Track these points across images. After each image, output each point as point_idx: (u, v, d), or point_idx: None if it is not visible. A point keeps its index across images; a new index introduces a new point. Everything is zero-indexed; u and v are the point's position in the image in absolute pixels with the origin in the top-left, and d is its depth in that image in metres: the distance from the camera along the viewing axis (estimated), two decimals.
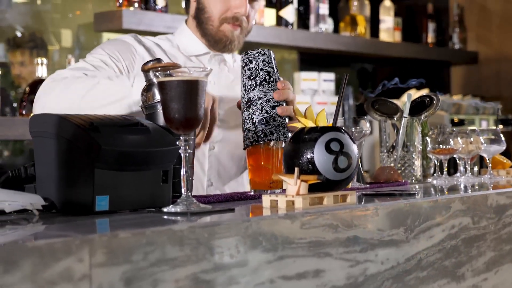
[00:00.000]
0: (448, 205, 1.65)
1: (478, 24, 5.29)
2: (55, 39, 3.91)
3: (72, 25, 3.97)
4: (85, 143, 1.40)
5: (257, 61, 1.83)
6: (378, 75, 5.40)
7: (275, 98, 1.79)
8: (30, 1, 3.83)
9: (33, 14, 3.81)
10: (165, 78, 1.40)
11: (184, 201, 1.41)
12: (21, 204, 1.41)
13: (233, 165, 2.24)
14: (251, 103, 1.79)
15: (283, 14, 4.15)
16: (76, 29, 3.98)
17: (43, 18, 3.84)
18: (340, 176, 1.46)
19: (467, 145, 2.23)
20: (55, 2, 3.93)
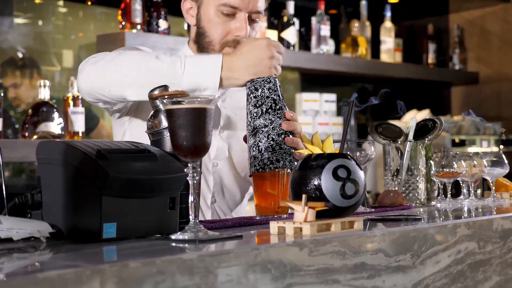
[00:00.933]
0: (454, 230, 1.65)
1: (478, 45, 5.31)
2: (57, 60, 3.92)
3: (74, 46, 3.98)
4: (92, 171, 1.40)
5: (263, 88, 1.84)
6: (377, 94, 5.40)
7: (283, 128, 1.80)
8: (31, 22, 3.84)
9: (34, 35, 3.83)
10: (173, 106, 1.41)
11: (192, 228, 1.41)
12: (28, 231, 1.41)
13: (236, 185, 2.24)
14: (257, 130, 1.79)
15: (285, 35, 4.17)
16: (77, 50, 4.00)
17: (45, 39, 3.86)
18: (348, 202, 1.47)
19: (471, 168, 2.24)
20: (56, 23, 3.95)
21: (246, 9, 2.09)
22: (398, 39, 4.87)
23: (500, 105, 5.18)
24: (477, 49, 5.32)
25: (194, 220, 1.42)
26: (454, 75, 5.26)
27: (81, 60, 3.92)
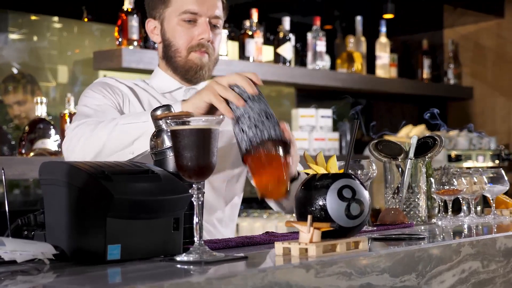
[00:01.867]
0: (458, 249, 1.65)
1: (472, 60, 5.33)
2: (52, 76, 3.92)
3: (68, 61, 3.98)
4: (97, 192, 1.39)
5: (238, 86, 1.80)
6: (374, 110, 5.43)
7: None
8: (26, 38, 3.84)
9: (29, 51, 3.82)
10: (178, 127, 1.40)
11: (197, 250, 1.40)
12: (32, 253, 1.40)
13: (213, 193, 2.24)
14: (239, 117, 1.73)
15: (281, 51, 4.18)
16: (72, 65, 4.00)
17: (40, 55, 3.86)
18: (353, 223, 1.46)
19: (471, 186, 2.24)
20: (51, 39, 3.95)
21: (206, 14, 2.21)
22: (393, 54, 4.88)
23: (495, 120, 5.20)
24: (472, 64, 5.34)
25: (199, 241, 1.41)
26: (449, 90, 5.27)
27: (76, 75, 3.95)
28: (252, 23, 4.04)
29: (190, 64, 2.24)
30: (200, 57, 2.23)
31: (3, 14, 3.76)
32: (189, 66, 2.24)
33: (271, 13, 4.58)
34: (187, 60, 2.24)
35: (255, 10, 4.08)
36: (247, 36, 4.01)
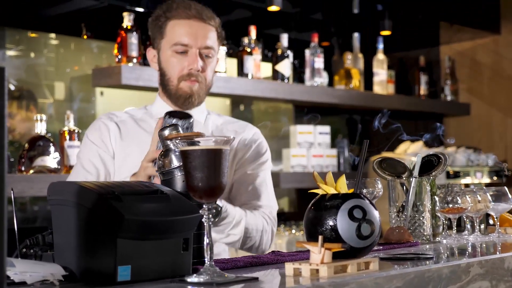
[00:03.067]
0: (467, 269, 1.65)
1: (469, 76, 5.35)
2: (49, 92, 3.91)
3: (65, 78, 3.97)
4: (107, 213, 1.38)
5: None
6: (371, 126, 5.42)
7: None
8: (24, 54, 3.84)
9: (27, 67, 3.82)
10: (188, 147, 1.40)
11: (207, 271, 1.39)
12: (42, 274, 1.39)
13: None
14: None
15: (279, 68, 4.18)
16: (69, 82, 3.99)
17: (37, 71, 3.85)
18: (364, 243, 1.46)
19: (476, 204, 2.23)
20: (49, 56, 3.94)
21: (196, 46, 2.35)
22: (390, 71, 4.89)
23: (492, 136, 5.21)
24: (468, 81, 5.36)
25: (210, 262, 1.40)
26: (446, 107, 5.29)
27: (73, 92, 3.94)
28: (251, 40, 4.04)
29: (181, 93, 2.38)
30: (190, 86, 2.37)
31: (0, 31, 3.75)
32: (180, 94, 2.38)
33: (268, 29, 4.59)
34: (178, 88, 2.38)
35: (253, 27, 4.09)
36: (246, 53, 4.01)
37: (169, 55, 2.37)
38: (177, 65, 2.36)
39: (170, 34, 2.36)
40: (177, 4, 2.38)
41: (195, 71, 2.35)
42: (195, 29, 2.35)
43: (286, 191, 4.96)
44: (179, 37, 2.35)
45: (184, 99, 2.38)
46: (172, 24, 2.37)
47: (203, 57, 2.36)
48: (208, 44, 2.37)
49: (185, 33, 2.35)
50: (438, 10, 4.92)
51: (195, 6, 2.39)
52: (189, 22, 2.36)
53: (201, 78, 2.37)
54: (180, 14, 2.36)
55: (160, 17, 2.39)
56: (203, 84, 2.39)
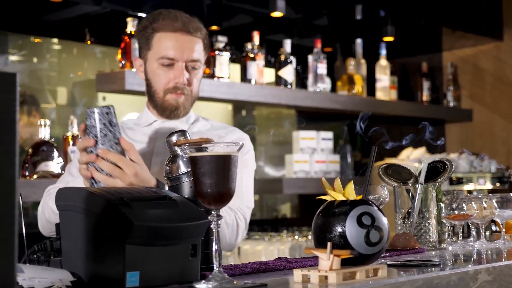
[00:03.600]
0: (475, 276, 1.65)
1: (471, 82, 5.35)
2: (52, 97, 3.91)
3: (68, 83, 3.98)
4: (116, 219, 1.38)
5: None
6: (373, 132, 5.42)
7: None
8: (26, 59, 3.84)
9: (29, 72, 3.82)
10: (197, 153, 1.40)
11: (216, 277, 1.39)
12: (50, 280, 1.38)
13: None
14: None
15: (282, 73, 4.18)
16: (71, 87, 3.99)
17: (40, 76, 3.85)
18: (372, 250, 1.46)
19: (481, 211, 2.23)
20: (51, 61, 3.94)
21: (182, 59, 2.37)
22: (393, 77, 4.89)
23: (494, 142, 5.21)
24: (471, 87, 5.36)
25: (219, 268, 1.40)
26: (448, 113, 5.29)
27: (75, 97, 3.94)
28: (254, 45, 4.05)
29: (167, 105, 2.40)
30: (176, 99, 2.39)
31: (3, 36, 3.76)
32: (166, 106, 2.41)
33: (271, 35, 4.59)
34: (164, 100, 2.40)
35: (257, 32, 4.09)
36: (249, 59, 4.01)
37: (155, 67, 2.39)
38: (163, 78, 2.38)
39: (157, 47, 2.38)
40: (164, 16, 2.39)
41: (181, 85, 2.38)
42: (181, 42, 2.37)
43: (288, 197, 4.96)
44: (165, 51, 2.36)
45: (170, 111, 2.41)
46: (159, 36, 2.38)
47: (189, 70, 2.39)
48: (194, 57, 2.39)
49: (171, 46, 2.36)
50: (441, 16, 4.92)
51: (182, 17, 2.40)
52: (175, 35, 2.37)
53: (187, 90, 2.40)
54: (166, 27, 2.37)
55: (147, 28, 2.40)
56: (189, 96, 2.42)
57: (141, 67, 2.45)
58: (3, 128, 1.06)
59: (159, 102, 2.41)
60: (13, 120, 1.08)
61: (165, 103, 2.40)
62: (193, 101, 2.45)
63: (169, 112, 2.42)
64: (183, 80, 2.37)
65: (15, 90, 1.09)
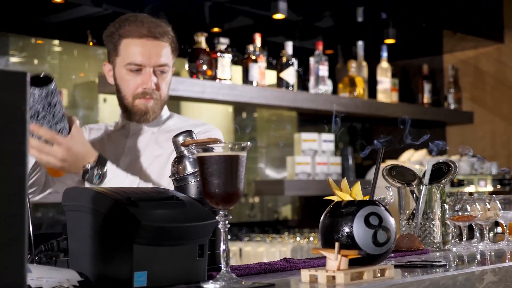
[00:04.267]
0: (481, 276, 1.65)
1: (472, 85, 5.36)
2: None
3: (69, 85, 3.98)
4: (123, 219, 1.38)
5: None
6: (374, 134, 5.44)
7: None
8: (27, 61, 3.84)
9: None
10: (205, 154, 1.40)
11: (224, 277, 1.39)
12: (58, 280, 1.38)
13: None
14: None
15: (284, 75, 4.19)
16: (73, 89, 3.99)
17: None
18: (379, 250, 1.46)
19: (485, 212, 2.23)
20: (52, 62, 3.94)
21: (150, 65, 2.39)
22: (394, 79, 4.90)
23: (495, 144, 5.22)
24: (472, 89, 5.37)
25: (226, 268, 1.40)
26: (449, 115, 5.29)
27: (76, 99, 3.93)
28: (256, 47, 4.05)
29: (136, 110, 2.43)
30: (145, 103, 2.42)
31: (4, 38, 3.76)
32: (135, 111, 2.44)
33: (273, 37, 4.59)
34: (133, 105, 2.43)
35: (258, 34, 4.10)
36: (251, 61, 4.02)
37: (123, 73, 2.41)
38: (131, 83, 2.40)
39: (124, 53, 2.40)
40: (130, 22, 2.40)
41: (150, 90, 2.40)
42: (148, 48, 2.39)
43: (290, 199, 4.96)
44: (132, 57, 2.38)
45: (139, 116, 2.44)
46: (126, 43, 2.39)
47: (157, 74, 2.41)
48: (162, 61, 2.41)
49: (139, 52, 2.38)
50: (442, 19, 4.93)
51: (148, 23, 2.40)
52: (142, 41, 2.38)
53: (156, 95, 2.42)
54: (132, 33, 2.38)
55: (114, 34, 2.41)
56: (158, 100, 2.44)
57: (110, 72, 2.47)
58: (14, 128, 1.06)
59: (128, 107, 2.44)
60: (24, 120, 1.08)
61: (134, 108, 2.43)
62: (162, 105, 2.48)
63: (138, 116, 2.45)
64: (151, 85, 2.39)
65: (26, 89, 1.09)
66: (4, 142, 1.05)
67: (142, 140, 2.49)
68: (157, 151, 2.44)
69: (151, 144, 2.47)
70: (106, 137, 2.53)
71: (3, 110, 1.05)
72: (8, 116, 1.06)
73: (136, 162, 2.44)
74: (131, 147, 2.47)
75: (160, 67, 2.41)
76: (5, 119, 1.05)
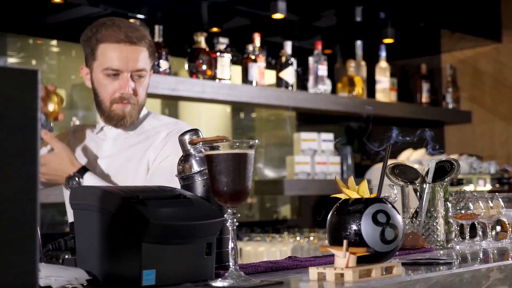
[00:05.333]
0: (487, 274, 1.65)
1: (471, 84, 5.37)
2: None
3: (67, 85, 3.97)
4: (132, 217, 1.38)
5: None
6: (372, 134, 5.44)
7: None
8: (25, 61, 3.83)
9: None
10: (213, 152, 1.40)
11: (233, 275, 1.39)
12: (66, 279, 1.38)
13: None
14: None
15: (283, 75, 4.19)
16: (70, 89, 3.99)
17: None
18: (387, 247, 1.46)
19: (488, 210, 2.24)
20: (50, 63, 3.94)
21: (127, 70, 2.38)
22: (393, 79, 4.90)
23: (493, 144, 5.22)
24: (470, 89, 5.38)
25: (235, 266, 1.40)
26: (448, 114, 5.30)
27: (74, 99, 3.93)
28: (255, 47, 4.05)
29: (113, 115, 2.43)
30: (122, 108, 2.42)
31: (2, 38, 3.75)
32: (112, 116, 2.44)
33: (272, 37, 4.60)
34: (110, 110, 2.43)
35: (258, 34, 4.10)
36: (250, 60, 4.02)
37: (101, 78, 2.41)
38: (109, 88, 2.40)
39: (101, 58, 2.39)
40: (107, 26, 2.39)
41: (127, 95, 2.40)
42: (125, 53, 2.38)
43: (289, 198, 4.96)
44: (109, 62, 2.38)
45: (116, 120, 2.44)
46: (102, 47, 2.39)
47: (135, 79, 2.41)
48: (139, 66, 2.40)
49: (115, 57, 2.37)
50: (440, 19, 4.93)
51: (125, 27, 2.40)
52: (119, 47, 2.38)
53: (133, 100, 2.42)
54: (109, 38, 2.38)
55: (91, 39, 2.41)
56: (136, 105, 2.44)
57: (88, 76, 2.47)
58: (25, 126, 1.06)
59: (106, 111, 2.44)
60: (35, 118, 1.08)
61: (112, 113, 2.43)
62: (140, 109, 2.47)
63: (115, 121, 2.44)
64: (128, 90, 2.39)
65: (37, 87, 1.09)
66: (15, 140, 1.05)
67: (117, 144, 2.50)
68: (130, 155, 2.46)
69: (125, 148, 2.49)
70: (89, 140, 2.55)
71: (14, 108, 1.06)
72: (19, 114, 1.06)
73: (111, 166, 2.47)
74: (107, 151, 2.49)
75: (138, 72, 2.40)
76: (16, 117, 1.05)
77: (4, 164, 1.03)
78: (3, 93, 1.05)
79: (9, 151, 1.04)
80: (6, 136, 1.04)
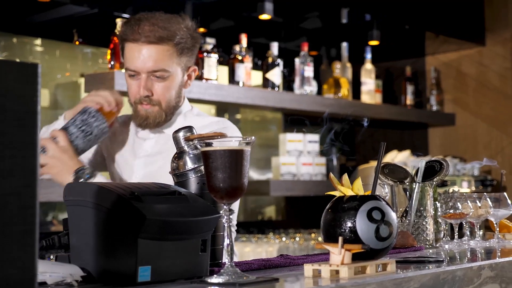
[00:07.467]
0: (479, 271, 1.67)
1: (454, 87, 5.40)
2: None
3: (50, 85, 3.95)
4: (128, 213, 1.38)
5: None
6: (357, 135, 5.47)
7: None
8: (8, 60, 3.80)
9: None
10: (210, 148, 1.40)
11: (228, 271, 1.39)
12: (61, 275, 1.38)
13: None
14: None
15: (270, 76, 4.20)
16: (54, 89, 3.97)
17: None
18: (382, 244, 1.47)
19: (477, 210, 2.26)
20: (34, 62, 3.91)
21: (144, 71, 2.35)
22: (378, 81, 4.93)
23: (477, 146, 5.26)
24: (454, 91, 5.41)
25: (230, 262, 1.40)
26: (432, 116, 5.34)
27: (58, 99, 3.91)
28: (242, 48, 4.05)
29: (137, 114, 2.44)
30: (145, 109, 2.41)
31: None
32: (137, 116, 2.44)
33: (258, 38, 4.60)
34: (136, 110, 2.44)
35: (244, 35, 4.10)
36: (237, 61, 4.02)
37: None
38: (131, 88, 2.41)
39: (125, 58, 2.39)
40: (131, 24, 2.36)
41: (143, 96, 2.38)
42: (144, 53, 2.34)
43: (274, 199, 4.97)
44: (129, 63, 2.37)
45: (140, 120, 2.43)
46: (127, 47, 2.37)
47: (154, 80, 2.37)
48: (159, 67, 2.35)
49: (134, 58, 2.35)
50: (424, 21, 4.97)
51: (150, 25, 2.35)
52: (138, 47, 2.34)
53: (154, 101, 2.39)
54: (132, 37, 2.34)
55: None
56: (158, 106, 2.40)
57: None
58: (25, 120, 1.06)
59: (133, 112, 2.45)
60: (35, 111, 1.08)
61: (137, 113, 2.42)
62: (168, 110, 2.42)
63: (140, 121, 2.44)
64: (143, 92, 2.36)
65: (37, 81, 1.09)
66: (15, 133, 1.05)
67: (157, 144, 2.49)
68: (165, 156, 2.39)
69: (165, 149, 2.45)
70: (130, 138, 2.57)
71: (15, 102, 1.05)
72: (19, 107, 1.06)
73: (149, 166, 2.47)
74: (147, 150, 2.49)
75: (157, 72, 2.36)
76: (16, 111, 1.05)
77: (4, 157, 1.03)
78: (3, 86, 1.05)
79: (9, 144, 1.04)
80: (6, 129, 1.03)
